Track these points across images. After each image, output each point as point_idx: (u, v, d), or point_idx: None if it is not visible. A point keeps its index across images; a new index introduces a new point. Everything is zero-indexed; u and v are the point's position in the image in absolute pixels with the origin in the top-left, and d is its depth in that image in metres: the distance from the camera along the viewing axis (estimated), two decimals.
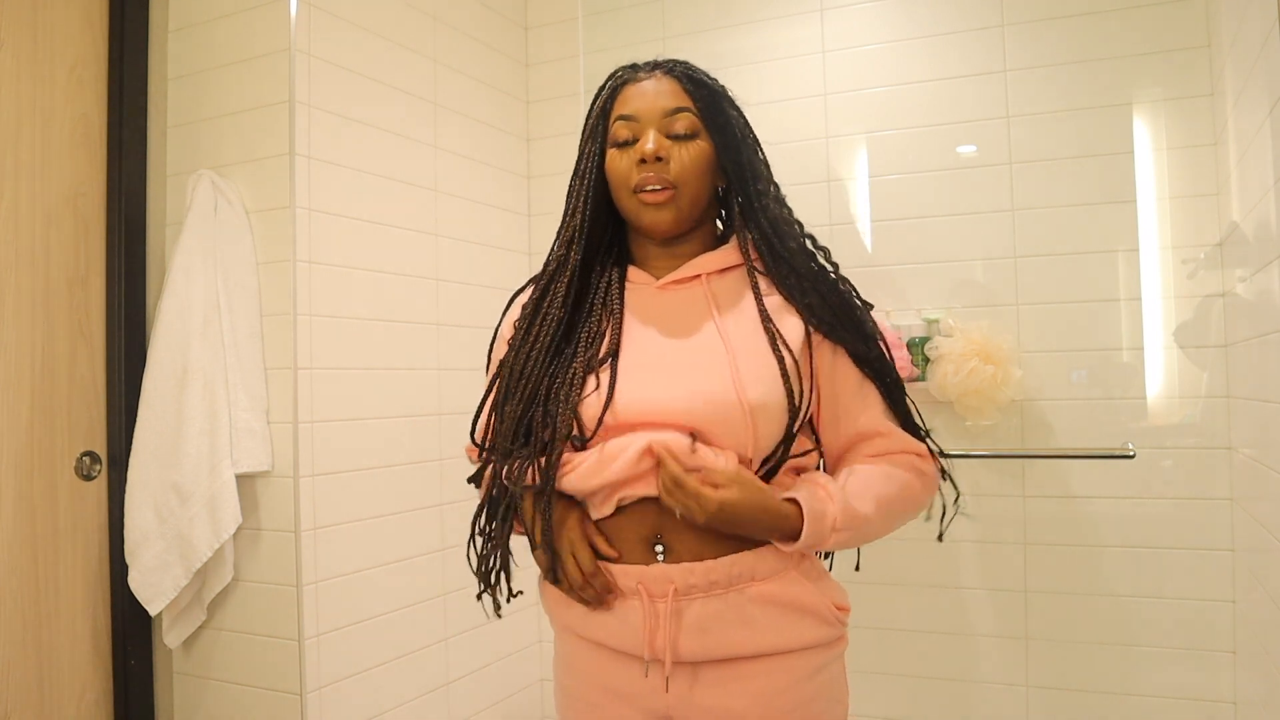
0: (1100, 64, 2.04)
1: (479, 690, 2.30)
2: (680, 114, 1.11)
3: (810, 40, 2.29)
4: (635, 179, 1.10)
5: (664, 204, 1.10)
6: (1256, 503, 1.67)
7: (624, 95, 1.14)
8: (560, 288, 1.15)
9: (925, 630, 2.16)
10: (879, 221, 2.22)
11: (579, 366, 1.10)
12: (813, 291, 1.11)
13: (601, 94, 1.17)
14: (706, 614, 1.05)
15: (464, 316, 2.31)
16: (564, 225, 1.18)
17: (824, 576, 1.14)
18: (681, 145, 1.11)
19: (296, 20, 1.86)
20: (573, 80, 2.53)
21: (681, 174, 1.10)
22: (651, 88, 1.13)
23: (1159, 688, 1.98)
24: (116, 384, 1.90)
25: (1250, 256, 1.63)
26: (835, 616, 1.11)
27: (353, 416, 1.97)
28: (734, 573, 1.05)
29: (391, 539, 2.06)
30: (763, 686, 1.07)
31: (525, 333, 1.15)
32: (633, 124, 1.12)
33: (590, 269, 1.18)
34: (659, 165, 1.10)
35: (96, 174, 1.91)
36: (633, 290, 1.17)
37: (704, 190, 1.14)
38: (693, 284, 1.15)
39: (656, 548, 1.07)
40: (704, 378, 1.06)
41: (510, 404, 1.12)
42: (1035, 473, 2.08)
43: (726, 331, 1.09)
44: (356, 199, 2.00)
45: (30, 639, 1.75)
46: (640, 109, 1.12)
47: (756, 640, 1.06)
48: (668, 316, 1.13)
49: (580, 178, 1.17)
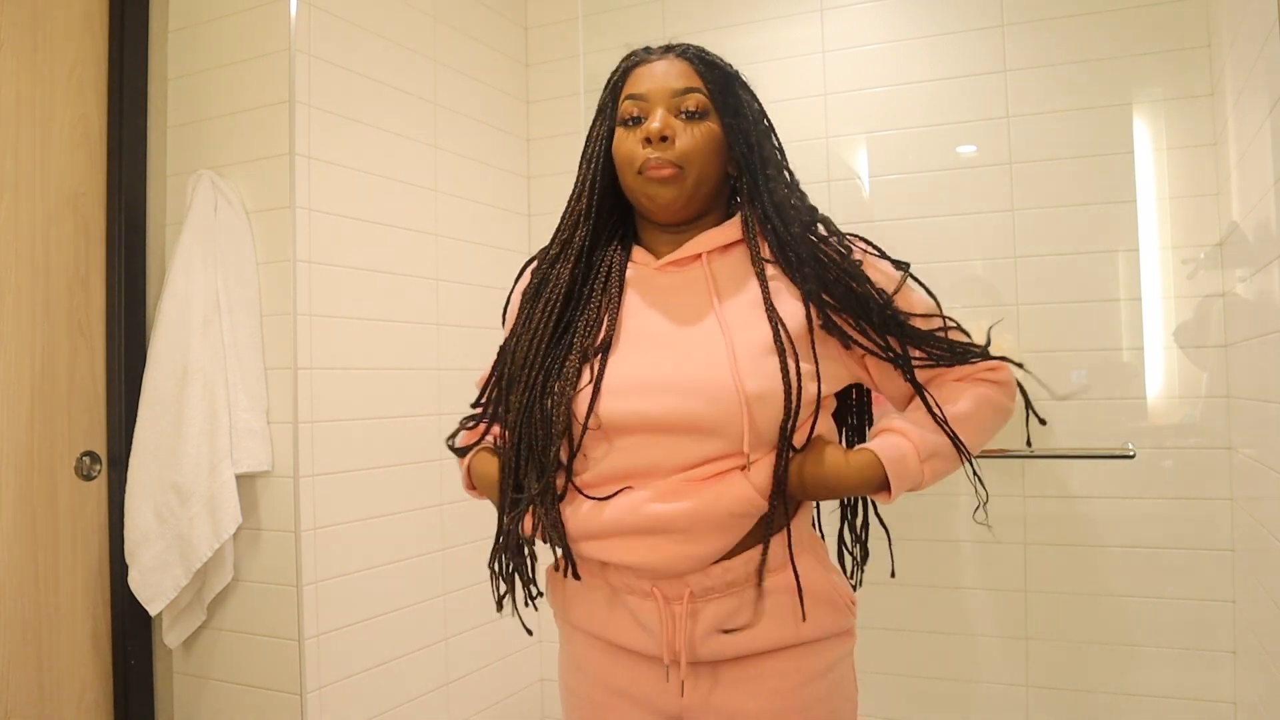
0: (1100, 64, 2.04)
1: (479, 690, 2.30)
2: (690, 94, 1.09)
3: (810, 40, 2.29)
4: (640, 158, 1.08)
5: (668, 180, 1.07)
6: (1256, 503, 1.67)
7: (635, 75, 1.12)
8: (564, 271, 1.13)
9: (925, 630, 2.16)
10: (879, 221, 2.21)
11: (575, 358, 1.08)
12: (813, 278, 1.06)
13: (614, 76, 1.16)
14: (723, 613, 1.05)
15: (464, 316, 2.31)
16: (570, 208, 1.16)
17: (832, 564, 1.14)
18: (690, 125, 1.08)
19: (296, 20, 1.86)
20: (573, 80, 2.53)
21: (688, 153, 1.07)
22: (662, 68, 1.11)
23: (1159, 688, 1.98)
24: (116, 384, 1.90)
25: (1250, 256, 1.63)
26: (847, 605, 1.10)
27: (353, 416, 1.97)
28: (750, 569, 1.04)
29: (391, 539, 2.06)
30: (777, 685, 1.06)
31: (527, 319, 1.14)
32: (641, 103, 1.10)
33: (595, 249, 1.15)
34: (664, 145, 1.06)
35: (96, 174, 1.91)
36: (634, 271, 1.14)
37: (711, 171, 1.10)
38: (693, 264, 1.12)
39: None
40: (700, 368, 1.03)
41: (515, 393, 1.10)
42: (1035, 473, 2.08)
43: (725, 319, 1.06)
44: (356, 199, 2.00)
45: (30, 639, 1.75)
46: (649, 88, 1.10)
47: (773, 633, 1.05)
48: (667, 302, 1.10)
49: (588, 160, 1.15)
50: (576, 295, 1.13)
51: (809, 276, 1.06)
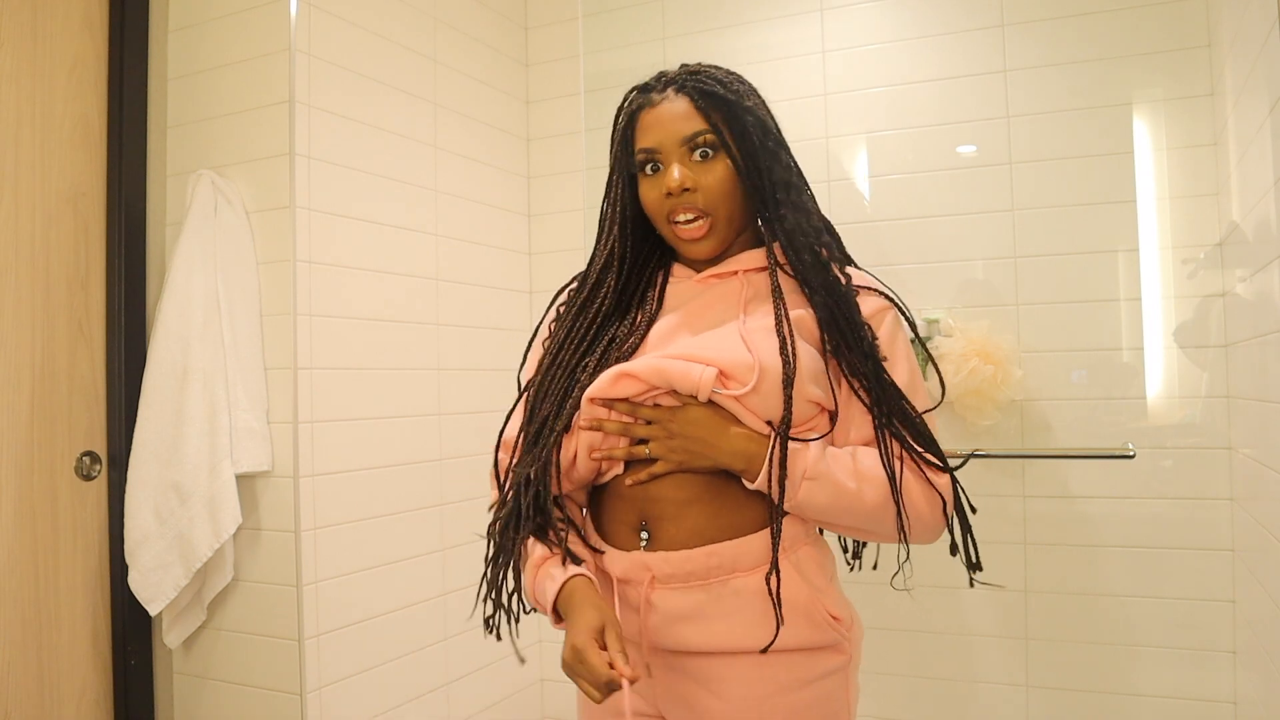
0: (1100, 64, 2.04)
1: (479, 690, 2.30)
2: (698, 138, 1.11)
3: (810, 40, 2.29)
4: (667, 208, 1.12)
5: (703, 237, 1.12)
6: (1256, 503, 1.67)
7: (641, 124, 1.14)
8: (609, 283, 1.17)
9: (925, 630, 2.16)
10: (879, 222, 2.22)
11: (592, 362, 1.12)
12: (821, 306, 1.09)
13: (619, 124, 1.18)
14: (686, 604, 1.06)
15: (464, 317, 2.31)
16: (600, 246, 1.20)
17: (821, 577, 1.10)
18: (705, 169, 1.11)
19: (296, 20, 1.86)
20: (573, 80, 2.53)
21: (711, 200, 1.11)
22: (667, 112, 1.12)
23: (1159, 688, 1.98)
24: (116, 384, 1.90)
25: (1250, 256, 1.63)
26: (827, 621, 1.07)
27: (353, 416, 1.97)
28: (711, 564, 1.05)
29: (391, 539, 2.06)
30: (743, 692, 1.05)
31: (568, 331, 1.17)
32: (654, 155, 1.13)
33: (638, 264, 1.20)
34: (687, 195, 1.11)
35: (96, 174, 1.91)
36: (674, 285, 1.20)
37: (737, 208, 1.14)
38: (731, 278, 1.17)
39: (641, 534, 1.08)
40: (712, 351, 1.07)
41: (547, 393, 1.13)
42: (1035, 473, 2.08)
43: (746, 330, 1.09)
44: (356, 199, 2.00)
45: (30, 639, 1.75)
46: (659, 141, 1.12)
47: (736, 635, 1.05)
48: (697, 311, 1.14)
49: (612, 204, 1.19)
50: (620, 308, 1.18)
51: (818, 305, 1.09)
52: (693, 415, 1.05)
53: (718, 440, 1.05)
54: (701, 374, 1.03)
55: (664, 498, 1.08)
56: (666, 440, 1.06)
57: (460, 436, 2.26)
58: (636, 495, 1.09)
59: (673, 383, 1.04)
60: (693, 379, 1.03)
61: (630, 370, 1.06)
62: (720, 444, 1.05)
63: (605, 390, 1.06)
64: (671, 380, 1.04)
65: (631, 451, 1.08)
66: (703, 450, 1.05)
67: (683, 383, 1.04)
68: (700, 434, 1.05)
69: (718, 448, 1.05)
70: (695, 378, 1.03)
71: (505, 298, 2.45)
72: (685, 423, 1.05)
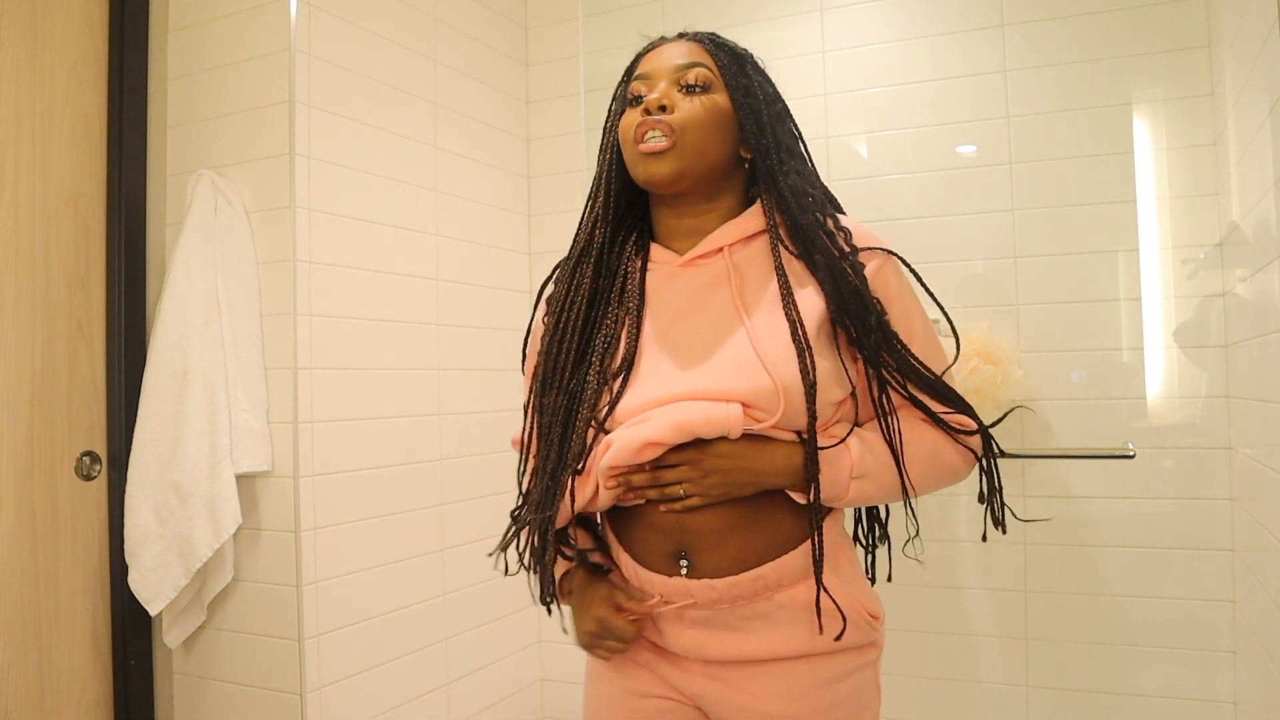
0: (1100, 64, 2.04)
1: (479, 690, 2.30)
2: (694, 68, 1.08)
3: (810, 40, 2.29)
4: (638, 129, 1.06)
5: (663, 153, 1.05)
6: (1256, 503, 1.67)
7: (644, 59, 1.14)
8: (585, 274, 1.12)
9: (925, 630, 2.16)
10: (879, 221, 2.21)
11: (593, 378, 1.06)
12: (824, 268, 1.04)
13: (629, 66, 1.18)
14: (732, 616, 1.05)
15: (464, 316, 2.31)
16: (589, 205, 1.16)
17: (857, 579, 1.10)
18: (691, 96, 1.07)
19: (296, 20, 1.86)
20: (573, 80, 2.53)
21: (684, 121, 1.05)
22: (669, 49, 1.12)
23: (1159, 688, 1.98)
24: (116, 384, 1.90)
25: (1250, 256, 1.63)
26: (866, 620, 1.07)
27: (353, 416, 1.97)
28: (757, 586, 1.03)
29: (391, 539, 2.06)
30: (789, 686, 1.05)
31: (554, 334, 1.12)
32: (646, 81, 1.10)
33: (613, 249, 1.14)
34: (662, 115, 1.05)
35: (96, 174, 1.91)
36: (655, 273, 1.12)
37: (711, 143, 1.07)
38: (715, 258, 1.10)
39: (681, 562, 1.05)
40: (731, 380, 1.01)
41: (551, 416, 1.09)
42: (1035, 473, 2.08)
43: (751, 321, 1.04)
44: (356, 199, 2.00)
45: (30, 639, 1.75)
46: (654, 66, 1.10)
47: (782, 643, 1.05)
48: (690, 309, 1.08)
49: (603, 151, 1.16)
50: (599, 304, 1.11)
51: (820, 266, 1.05)
52: (723, 450, 1.00)
53: (757, 465, 1.01)
54: (728, 414, 0.98)
55: (701, 529, 1.04)
56: (701, 480, 1.00)
57: (460, 436, 2.26)
58: (671, 528, 1.04)
59: (698, 434, 0.98)
60: (719, 424, 0.98)
61: (653, 439, 0.98)
62: (761, 469, 1.01)
63: (628, 460, 0.99)
64: (696, 432, 0.98)
65: (665, 493, 1.02)
66: (744, 480, 1.01)
67: (709, 430, 0.98)
68: (736, 465, 1.00)
69: (760, 473, 1.01)
70: (722, 421, 0.98)
71: (505, 298, 2.45)
72: (718, 458, 1.00)
